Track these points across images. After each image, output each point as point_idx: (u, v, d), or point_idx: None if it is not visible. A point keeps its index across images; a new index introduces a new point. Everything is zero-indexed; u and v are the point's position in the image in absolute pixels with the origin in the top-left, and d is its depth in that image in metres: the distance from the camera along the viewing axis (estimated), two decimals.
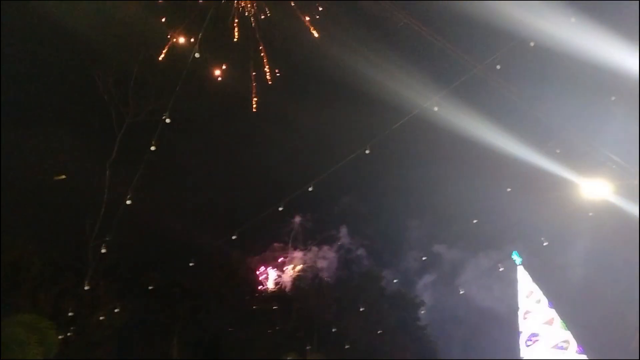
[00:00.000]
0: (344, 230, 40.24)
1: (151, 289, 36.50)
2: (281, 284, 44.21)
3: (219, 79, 35.55)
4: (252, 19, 34.84)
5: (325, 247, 42.30)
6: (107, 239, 34.31)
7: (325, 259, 42.34)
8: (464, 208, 33.14)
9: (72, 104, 37.75)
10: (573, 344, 36.85)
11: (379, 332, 41.59)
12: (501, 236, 32.93)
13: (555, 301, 37.62)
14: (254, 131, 33.99)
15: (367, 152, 30.62)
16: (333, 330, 40.30)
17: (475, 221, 32.78)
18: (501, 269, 37.75)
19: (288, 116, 34.21)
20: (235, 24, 35.11)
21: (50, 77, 36.76)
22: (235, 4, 35.03)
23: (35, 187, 35.14)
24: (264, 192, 34.31)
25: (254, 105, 34.43)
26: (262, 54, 35.48)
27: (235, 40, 35.00)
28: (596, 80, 30.48)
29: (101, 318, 34.26)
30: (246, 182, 33.59)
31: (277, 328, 40.06)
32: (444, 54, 33.43)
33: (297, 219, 39.35)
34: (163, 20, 36.59)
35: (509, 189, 32.30)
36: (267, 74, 34.92)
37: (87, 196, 36.40)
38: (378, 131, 31.07)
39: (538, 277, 38.36)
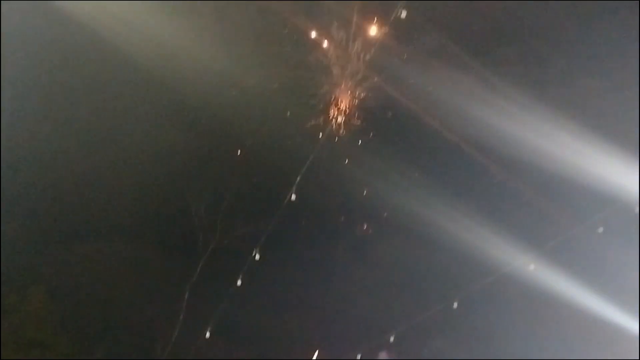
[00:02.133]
0: None
1: None
2: None
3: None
4: None
5: None
6: None
7: None
8: None
9: (158, 219, 37.97)
10: None
11: None
12: None
13: None
14: (341, 271, 33.34)
15: (454, 306, 29.72)
16: None
17: None
18: None
19: (377, 258, 33.65)
20: None
21: (141, 191, 37.13)
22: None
23: (110, 297, 34.83)
24: (346, 333, 33.14)
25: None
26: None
27: None
28: None
29: None
30: (328, 323, 32.61)
31: None
32: (541, 212, 32.75)
33: (383, 356, 36.53)
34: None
35: None
36: None
37: (161, 317, 35.97)
38: (468, 284, 30.23)
39: None
